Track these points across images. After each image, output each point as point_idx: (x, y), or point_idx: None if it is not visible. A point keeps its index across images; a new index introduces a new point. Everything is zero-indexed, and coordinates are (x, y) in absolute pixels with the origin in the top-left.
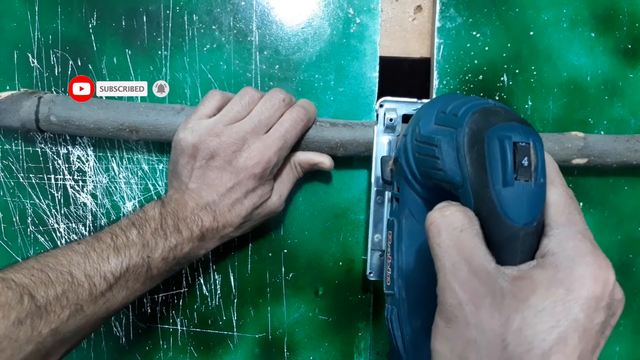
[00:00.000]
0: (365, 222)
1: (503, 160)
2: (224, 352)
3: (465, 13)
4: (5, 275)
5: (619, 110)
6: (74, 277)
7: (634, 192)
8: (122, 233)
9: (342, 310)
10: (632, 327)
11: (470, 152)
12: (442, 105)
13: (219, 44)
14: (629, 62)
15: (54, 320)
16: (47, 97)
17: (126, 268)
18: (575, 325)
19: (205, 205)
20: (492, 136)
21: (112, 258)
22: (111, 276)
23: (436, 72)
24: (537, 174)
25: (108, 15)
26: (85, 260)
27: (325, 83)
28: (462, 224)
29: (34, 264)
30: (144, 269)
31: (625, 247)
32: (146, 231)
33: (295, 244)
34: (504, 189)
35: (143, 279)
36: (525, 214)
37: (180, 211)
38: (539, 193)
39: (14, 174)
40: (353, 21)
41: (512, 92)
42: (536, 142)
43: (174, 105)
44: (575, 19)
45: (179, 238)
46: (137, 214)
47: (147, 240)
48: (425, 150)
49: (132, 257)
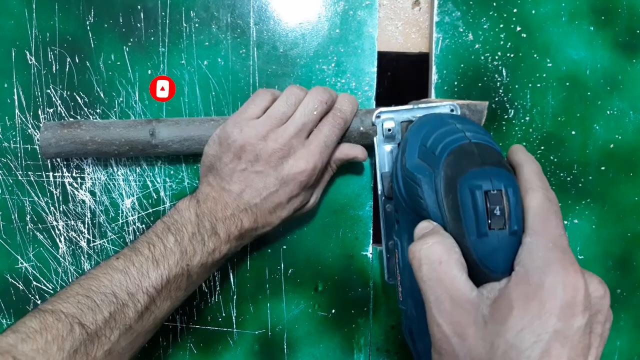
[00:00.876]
0: (370, 214)
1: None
2: (224, 349)
3: (463, 7)
4: (54, 307)
5: (618, 103)
6: (118, 298)
7: (634, 187)
8: (159, 241)
9: (342, 306)
10: (633, 321)
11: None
12: (425, 136)
13: (216, 40)
14: (628, 55)
15: (105, 343)
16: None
17: (167, 280)
18: (556, 335)
19: (247, 207)
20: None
21: (151, 272)
22: (153, 290)
23: (435, 67)
24: (511, 222)
25: (105, 12)
26: (125, 277)
27: (324, 78)
28: (439, 256)
29: (78, 289)
30: (184, 277)
31: (626, 241)
32: (183, 237)
33: (295, 240)
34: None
35: (185, 286)
36: (502, 262)
37: (218, 211)
38: (513, 240)
39: (13, 171)
40: (351, 16)
41: (511, 87)
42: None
43: None
44: (574, 12)
45: (216, 242)
46: (172, 216)
47: (184, 247)
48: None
49: (172, 269)
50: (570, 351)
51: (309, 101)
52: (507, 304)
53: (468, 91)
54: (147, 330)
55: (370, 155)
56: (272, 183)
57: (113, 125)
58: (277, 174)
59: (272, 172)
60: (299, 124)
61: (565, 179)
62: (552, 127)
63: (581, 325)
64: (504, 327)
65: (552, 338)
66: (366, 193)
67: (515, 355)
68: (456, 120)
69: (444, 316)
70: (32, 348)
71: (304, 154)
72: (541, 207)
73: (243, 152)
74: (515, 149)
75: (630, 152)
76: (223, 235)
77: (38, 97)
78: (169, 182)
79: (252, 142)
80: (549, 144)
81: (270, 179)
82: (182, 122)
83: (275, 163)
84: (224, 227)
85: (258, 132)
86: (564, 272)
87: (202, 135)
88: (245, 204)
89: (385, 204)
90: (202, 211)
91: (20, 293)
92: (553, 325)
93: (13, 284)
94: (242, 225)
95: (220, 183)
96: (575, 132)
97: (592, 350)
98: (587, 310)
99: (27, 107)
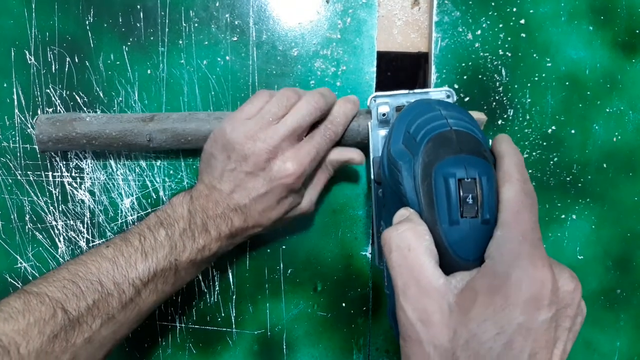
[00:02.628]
0: (370, 213)
1: (448, 198)
2: (223, 349)
3: (462, 7)
4: (39, 289)
5: (618, 103)
6: (103, 287)
7: (633, 186)
8: (150, 234)
9: (341, 307)
10: (632, 322)
11: (422, 185)
12: (410, 122)
13: (216, 39)
14: (627, 55)
15: (86, 330)
16: None
17: (154, 273)
18: (519, 328)
19: (237, 207)
20: (439, 172)
21: (139, 263)
22: (139, 282)
23: (434, 66)
24: (484, 210)
25: (105, 12)
26: (113, 266)
27: (323, 78)
28: (409, 243)
29: (65, 274)
30: (172, 272)
31: (625, 241)
32: (174, 232)
33: (294, 240)
34: (450, 227)
35: (172, 281)
36: (472, 251)
37: (210, 209)
38: (485, 229)
39: (12, 171)
40: (350, 16)
41: (510, 86)
42: (482, 176)
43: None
44: (573, 12)
45: (207, 239)
46: (165, 211)
47: (174, 242)
48: (393, 172)
49: (160, 262)
50: (534, 344)
51: (302, 105)
52: (472, 295)
53: (467, 91)
54: (130, 321)
55: (368, 159)
56: (260, 184)
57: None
58: (265, 175)
59: (260, 173)
60: (289, 127)
61: (564, 178)
62: (552, 126)
63: (546, 319)
64: (467, 317)
65: (515, 331)
66: (366, 193)
67: (477, 345)
68: (442, 106)
69: (410, 302)
70: (13, 328)
71: (292, 157)
72: (515, 199)
73: (232, 151)
74: (499, 139)
75: (629, 151)
76: (214, 232)
77: (37, 97)
78: (168, 181)
79: (241, 141)
80: (548, 144)
81: (258, 180)
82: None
83: (263, 164)
84: (215, 225)
85: (248, 132)
86: (531, 266)
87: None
88: (235, 203)
89: (378, 189)
90: (195, 208)
91: None
92: (516, 318)
93: (12, 283)
94: (233, 224)
95: (212, 181)
96: (574, 131)
97: (558, 343)
98: (553, 304)
99: (27, 107)
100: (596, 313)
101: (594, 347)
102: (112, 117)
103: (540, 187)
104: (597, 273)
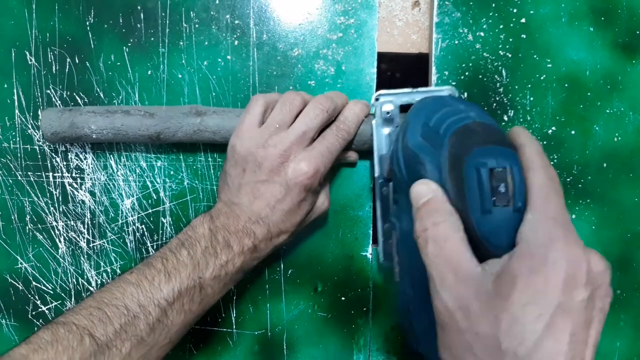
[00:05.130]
0: (370, 214)
1: (480, 188)
2: (223, 350)
3: (463, 8)
4: (66, 319)
5: (618, 104)
6: (129, 310)
7: (633, 187)
8: (173, 255)
9: (341, 307)
10: (632, 322)
11: (450, 177)
12: (428, 116)
13: (216, 40)
14: (628, 56)
15: (116, 355)
16: None
17: (179, 292)
18: (559, 309)
19: (258, 218)
20: (469, 164)
21: (163, 284)
22: (165, 303)
23: (434, 67)
24: (515, 199)
25: (105, 12)
26: (137, 290)
27: (323, 79)
28: (445, 235)
29: (91, 302)
30: (197, 290)
31: (626, 242)
32: (196, 251)
33: (294, 241)
34: (482, 216)
35: (198, 300)
36: (505, 240)
37: (231, 225)
38: (517, 217)
39: (12, 171)
40: (351, 17)
41: (511, 87)
42: (513, 165)
43: None
44: (574, 13)
45: (229, 254)
46: (187, 233)
47: (197, 260)
48: (413, 164)
49: (184, 281)
50: (573, 324)
51: (310, 109)
52: (511, 279)
53: (468, 91)
54: (160, 345)
55: (366, 158)
56: (278, 190)
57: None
58: (281, 180)
59: (276, 178)
60: (299, 131)
61: (565, 179)
62: (552, 127)
63: (584, 299)
64: (508, 302)
65: (555, 312)
66: (366, 194)
67: (520, 329)
68: (457, 101)
69: (449, 291)
70: (42, 358)
71: (306, 157)
72: (543, 185)
73: (246, 163)
74: (517, 131)
75: (630, 152)
76: (236, 247)
77: (38, 98)
78: (168, 182)
79: (253, 151)
80: (548, 145)
81: (275, 186)
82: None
83: (277, 169)
84: (237, 240)
85: (257, 141)
86: (567, 247)
87: None
88: (256, 215)
89: (382, 187)
90: (216, 226)
91: (20, 293)
92: (557, 298)
93: (13, 284)
94: (256, 237)
95: (230, 197)
96: (575, 132)
97: (594, 323)
98: (589, 284)
99: (27, 108)
100: None
101: None
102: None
103: None
104: None
